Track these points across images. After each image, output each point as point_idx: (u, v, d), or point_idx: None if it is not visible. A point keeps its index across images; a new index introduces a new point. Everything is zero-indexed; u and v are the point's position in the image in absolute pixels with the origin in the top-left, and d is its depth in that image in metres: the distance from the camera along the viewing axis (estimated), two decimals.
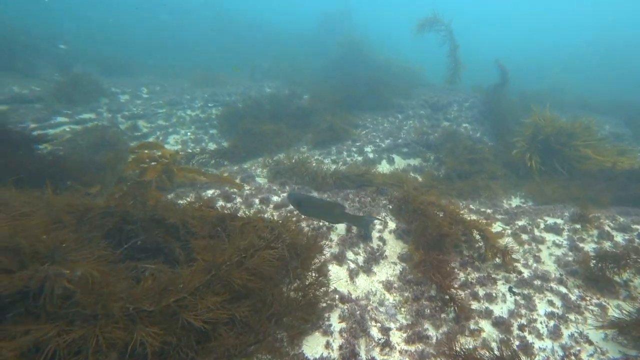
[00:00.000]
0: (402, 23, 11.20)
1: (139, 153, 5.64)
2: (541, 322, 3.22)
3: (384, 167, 8.21)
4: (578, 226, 4.80)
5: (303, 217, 4.86)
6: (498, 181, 7.46)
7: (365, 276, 3.97)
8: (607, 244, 4.33)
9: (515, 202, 6.78)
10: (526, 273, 3.95)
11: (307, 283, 3.34)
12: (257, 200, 5.48)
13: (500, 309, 3.46)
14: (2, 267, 1.89)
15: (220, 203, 5.35)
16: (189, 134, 9.57)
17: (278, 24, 27.96)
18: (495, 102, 11.03)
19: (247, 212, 4.79)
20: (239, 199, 5.56)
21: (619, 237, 4.43)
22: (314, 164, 7.21)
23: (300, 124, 10.05)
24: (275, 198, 5.66)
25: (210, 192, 5.72)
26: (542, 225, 4.87)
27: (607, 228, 4.67)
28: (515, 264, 4.12)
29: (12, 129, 6.11)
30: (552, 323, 3.19)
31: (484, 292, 3.68)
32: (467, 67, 11.74)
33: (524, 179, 7.58)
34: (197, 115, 10.53)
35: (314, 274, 3.51)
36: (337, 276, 3.89)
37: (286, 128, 9.51)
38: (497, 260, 4.06)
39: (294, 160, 7.11)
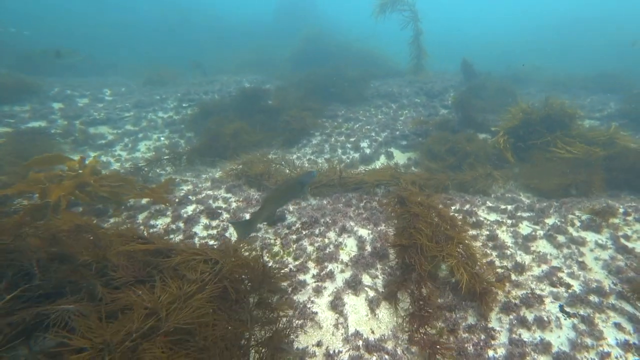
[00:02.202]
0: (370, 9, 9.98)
1: (31, 173, 4.53)
2: (617, 358, 2.66)
3: (382, 163, 7.57)
4: (617, 220, 4.31)
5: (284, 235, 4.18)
6: (499, 171, 6.92)
7: (388, 305, 3.31)
8: None
9: (509, 188, 6.27)
10: (576, 285, 3.40)
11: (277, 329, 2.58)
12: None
13: (558, 339, 2.89)
14: None
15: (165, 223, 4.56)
16: (162, 138, 8.63)
17: (235, 14, 27.02)
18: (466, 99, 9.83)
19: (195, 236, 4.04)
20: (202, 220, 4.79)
21: None
22: (286, 170, 6.50)
23: (272, 121, 9.31)
24: (232, 209, 4.91)
25: (190, 209, 4.92)
26: (577, 223, 4.35)
27: None
28: (560, 274, 3.57)
29: None
30: (631, 358, 2.64)
31: (533, 316, 3.10)
32: (430, 55, 10.95)
33: (502, 168, 7.07)
34: (170, 118, 9.57)
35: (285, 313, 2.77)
36: (355, 309, 3.23)
37: (259, 126, 8.78)
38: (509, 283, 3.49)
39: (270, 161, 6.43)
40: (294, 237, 4.36)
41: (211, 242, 4.19)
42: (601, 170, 5.76)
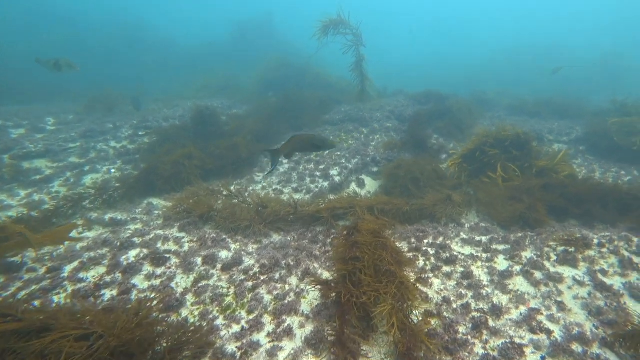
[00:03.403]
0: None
1: None
2: None
3: (353, 191, 7.39)
4: (592, 253, 4.28)
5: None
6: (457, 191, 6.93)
7: None
8: (634, 277, 3.80)
9: (473, 219, 6.19)
10: (557, 331, 3.22)
11: None
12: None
13: None
14: None
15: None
16: (113, 170, 8.08)
17: (188, 35, 27.51)
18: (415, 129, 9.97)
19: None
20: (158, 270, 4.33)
21: None
22: (242, 204, 6.21)
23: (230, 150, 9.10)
24: (183, 251, 4.51)
25: (133, 255, 4.43)
26: (553, 257, 4.27)
27: (624, 252, 4.19)
28: (539, 317, 3.40)
29: None
30: None
31: None
32: (373, 82, 10.94)
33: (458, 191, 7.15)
34: (124, 147, 9.05)
35: None
36: None
37: (216, 152, 8.54)
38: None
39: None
40: (251, 284, 3.98)
41: (152, 296, 3.72)
42: (542, 197, 5.82)
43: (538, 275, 3.97)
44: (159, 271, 4.15)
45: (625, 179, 7.88)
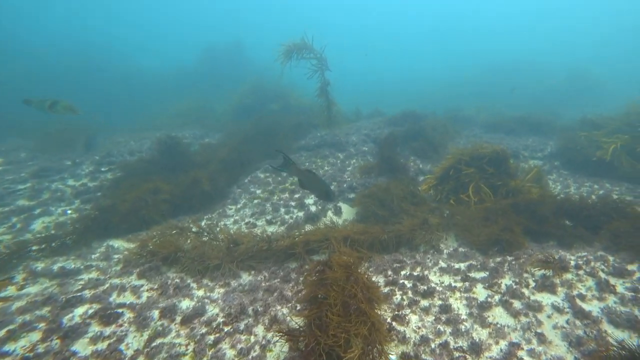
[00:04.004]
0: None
1: None
2: None
3: (329, 221, 7.24)
4: (569, 276, 4.25)
5: None
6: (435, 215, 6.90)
7: None
8: (611, 300, 3.76)
9: (452, 243, 6.11)
10: None
11: None
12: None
13: None
14: None
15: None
16: (69, 211, 7.62)
17: (154, 64, 27.61)
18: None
19: None
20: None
21: (620, 287, 3.92)
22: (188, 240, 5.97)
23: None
24: (139, 303, 4.19)
25: (79, 313, 4.04)
26: (531, 283, 4.21)
27: (601, 274, 4.18)
28: (520, 352, 3.26)
29: None
30: None
31: None
32: (340, 107, 10.86)
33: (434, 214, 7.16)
34: (83, 185, 8.63)
35: None
36: None
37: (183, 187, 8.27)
38: None
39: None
40: (213, 338, 3.68)
41: None
42: (515, 219, 5.82)
43: (517, 304, 3.87)
44: (108, 331, 3.78)
45: (599, 192, 8.09)
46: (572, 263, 4.48)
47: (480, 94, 22.45)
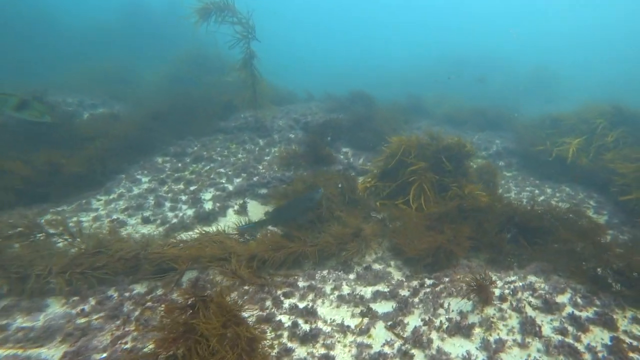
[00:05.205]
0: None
1: None
2: None
3: (230, 221, 5.91)
4: (491, 311, 3.41)
5: None
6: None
7: None
8: (535, 348, 2.96)
9: (382, 253, 5.19)
10: None
11: None
12: None
13: None
14: None
15: None
16: None
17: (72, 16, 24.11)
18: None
19: None
20: None
21: (547, 328, 3.14)
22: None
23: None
24: None
25: None
26: (444, 322, 3.30)
27: (527, 310, 3.40)
28: None
29: None
30: None
31: None
32: (265, 82, 9.46)
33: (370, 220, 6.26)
34: None
35: None
36: None
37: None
38: None
39: None
40: None
41: None
42: (459, 228, 5.06)
43: (419, 358, 2.92)
44: None
45: (558, 195, 7.64)
46: (497, 292, 3.67)
47: (447, 85, 21.61)
